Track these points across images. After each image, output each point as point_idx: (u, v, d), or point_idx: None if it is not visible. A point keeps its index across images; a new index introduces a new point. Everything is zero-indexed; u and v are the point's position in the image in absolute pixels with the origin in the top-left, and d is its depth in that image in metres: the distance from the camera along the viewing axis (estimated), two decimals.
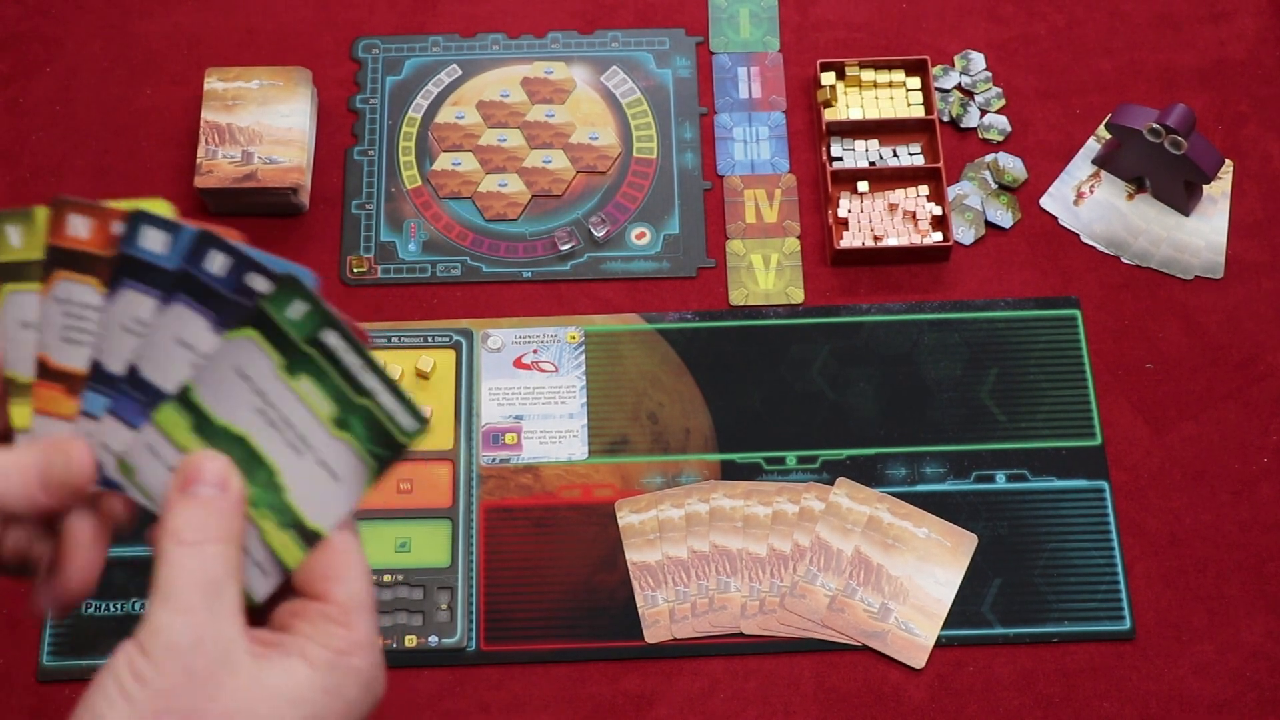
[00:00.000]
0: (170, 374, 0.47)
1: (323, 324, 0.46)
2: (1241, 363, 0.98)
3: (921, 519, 0.93)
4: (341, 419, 0.46)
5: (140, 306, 0.47)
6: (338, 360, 0.46)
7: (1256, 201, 1.04)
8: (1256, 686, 0.89)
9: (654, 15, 1.11)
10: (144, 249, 0.46)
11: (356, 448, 0.46)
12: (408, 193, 1.04)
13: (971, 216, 1.03)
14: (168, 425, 0.47)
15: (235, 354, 0.46)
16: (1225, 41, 1.09)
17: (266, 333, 0.46)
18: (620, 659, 0.90)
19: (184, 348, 0.47)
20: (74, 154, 1.06)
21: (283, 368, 0.46)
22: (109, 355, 0.47)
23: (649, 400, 0.98)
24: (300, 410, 0.46)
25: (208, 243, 0.46)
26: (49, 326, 0.48)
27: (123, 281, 0.47)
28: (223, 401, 0.46)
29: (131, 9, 1.11)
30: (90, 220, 0.47)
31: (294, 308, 0.46)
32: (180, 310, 0.46)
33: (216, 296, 0.46)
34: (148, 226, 0.46)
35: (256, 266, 0.46)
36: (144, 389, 0.47)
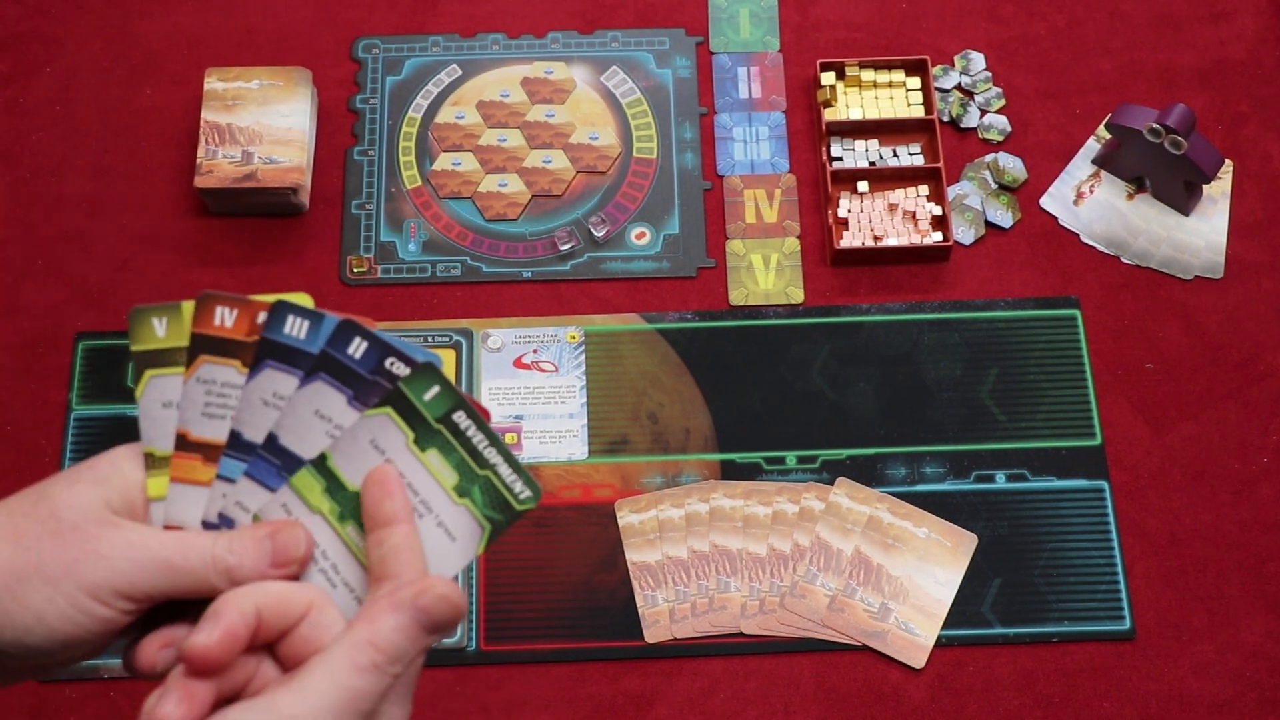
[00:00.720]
0: (307, 442, 0.53)
1: (454, 406, 0.52)
2: (1241, 363, 0.98)
3: (921, 519, 0.93)
4: (462, 487, 0.53)
5: (279, 384, 0.53)
6: (464, 436, 0.52)
7: (1256, 201, 1.04)
8: (1256, 686, 0.89)
9: (654, 15, 1.11)
10: (286, 334, 0.53)
11: (475, 513, 0.53)
12: (408, 193, 1.04)
13: (971, 216, 1.03)
14: (302, 488, 0.52)
15: (371, 428, 0.52)
16: (1225, 41, 1.09)
17: (401, 410, 0.52)
18: (620, 659, 0.90)
19: (322, 420, 0.53)
20: (74, 154, 1.06)
21: (413, 441, 0.52)
22: (248, 426, 0.53)
23: (649, 400, 0.98)
24: (426, 478, 0.52)
25: (350, 329, 0.53)
26: (190, 404, 0.53)
27: (265, 362, 0.53)
28: (356, 469, 0.52)
29: (131, 9, 1.11)
30: (235, 311, 0.53)
31: (430, 391, 0.52)
32: (320, 387, 0.53)
33: (355, 376, 0.52)
34: (291, 315, 0.53)
35: (394, 352, 0.52)
36: (281, 454, 0.53)
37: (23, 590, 0.48)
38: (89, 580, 0.48)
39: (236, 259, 1.02)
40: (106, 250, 1.03)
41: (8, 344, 1.00)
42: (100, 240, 1.03)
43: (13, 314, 1.00)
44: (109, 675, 0.90)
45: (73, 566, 0.48)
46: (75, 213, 1.04)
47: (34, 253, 1.02)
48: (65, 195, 1.04)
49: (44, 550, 0.48)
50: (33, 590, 0.48)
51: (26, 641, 0.48)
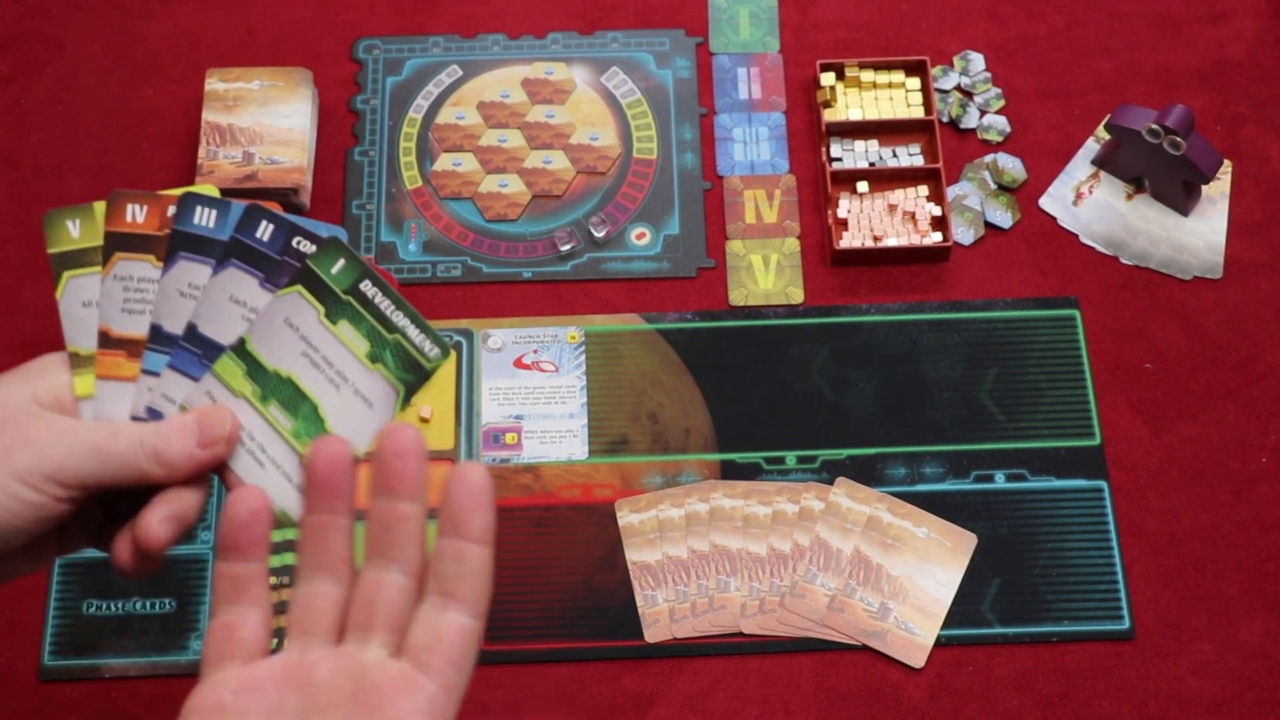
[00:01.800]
0: (225, 328, 0.54)
1: (360, 276, 0.54)
2: (1240, 363, 0.99)
3: (921, 519, 0.94)
4: (375, 353, 0.54)
5: (194, 274, 0.54)
6: (372, 304, 0.54)
7: (1255, 202, 1.04)
8: (1255, 686, 0.89)
9: (654, 16, 1.11)
10: (196, 224, 0.54)
11: (388, 376, 0.54)
12: (408, 193, 1.05)
13: (971, 217, 1.03)
14: (225, 374, 0.54)
15: (284, 308, 0.54)
16: (1224, 42, 1.09)
17: (311, 287, 0.54)
18: (620, 659, 0.90)
19: (237, 304, 0.54)
20: (74, 154, 1.06)
21: (324, 315, 0.54)
22: (167, 318, 0.54)
23: (649, 400, 0.98)
24: (339, 350, 0.54)
25: (257, 213, 0.54)
26: (110, 301, 0.55)
27: (178, 254, 0.54)
28: (273, 349, 0.54)
29: (132, 9, 1.11)
30: (145, 207, 0.55)
31: (336, 264, 0.54)
32: (233, 273, 0.54)
33: (265, 259, 0.54)
34: (199, 205, 0.54)
35: (301, 231, 0.54)
36: (201, 343, 0.54)
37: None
38: (20, 466, 0.50)
39: None
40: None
41: (8, 344, 1.00)
42: None
43: (13, 314, 1.01)
44: (109, 675, 0.90)
45: (4, 455, 0.50)
46: None
47: (34, 253, 1.03)
48: (66, 196, 1.04)
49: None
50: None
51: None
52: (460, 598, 0.47)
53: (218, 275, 0.54)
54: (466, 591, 0.48)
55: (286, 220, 0.54)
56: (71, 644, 0.91)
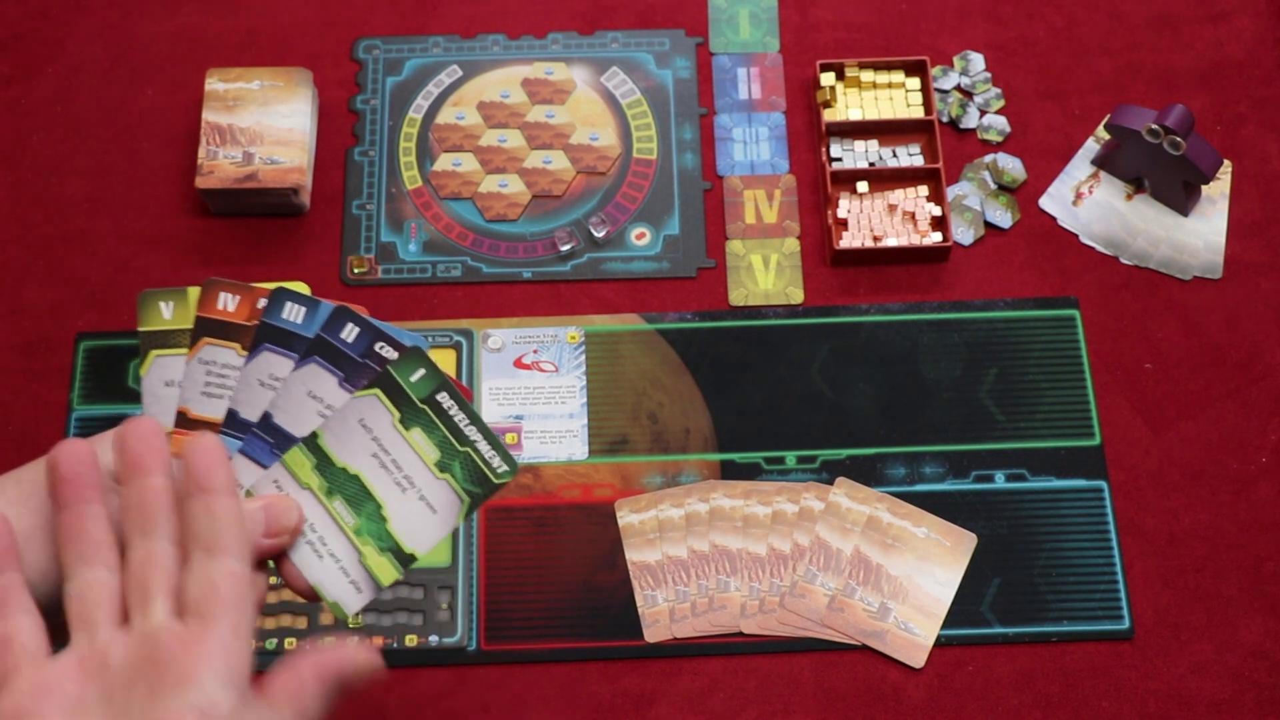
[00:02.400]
0: (299, 421, 0.56)
1: (438, 387, 0.56)
2: (1240, 363, 0.99)
3: (921, 519, 0.94)
4: (444, 463, 0.56)
5: (275, 366, 0.56)
6: (447, 415, 0.56)
7: (1255, 202, 1.04)
8: (1255, 686, 0.89)
9: (654, 16, 1.11)
10: (284, 319, 0.56)
11: (455, 487, 0.56)
12: (408, 193, 1.05)
13: (971, 217, 1.03)
14: (294, 464, 0.56)
15: (360, 408, 0.56)
16: (1224, 42, 1.09)
17: (388, 391, 0.56)
18: (620, 658, 0.91)
19: (314, 400, 0.56)
20: (75, 155, 1.06)
21: (399, 420, 0.56)
22: (245, 406, 0.56)
23: (649, 400, 0.98)
24: (409, 455, 0.56)
25: (344, 315, 0.56)
26: (191, 383, 0.57)
27: (263, 345, 0.56)
28: (344, 446, 0.56)
29: (132, 10, 1.11)
30: (238, 297, 0.57)
31: (416, 372, 0.56)
32: (314, 369, 0.56)
33: (347, 359, 0.56)
34: (289, 301, 0.57)
35: (384, 337, 0.56)
36: (274, 433, 0.56)
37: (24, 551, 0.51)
38: None
39: (237, 259, 1.02)
40: (107, 251, 1.03)
41: (9, 344, 1.00)
42: (101, 241, 1.03)
43: (14, 314, 1.01)
44: None
45: None
46: (76, 213, 1.04)
47: (35, 253, 1.03)
48: (66, 196, 1.04)
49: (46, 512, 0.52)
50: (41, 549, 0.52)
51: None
52: (223, 547, 0.49)
53: (299, 370, 0.56)
54: (228, 540, 0.50)
55: (372, 325, 0.56)
56: None
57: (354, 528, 0.56)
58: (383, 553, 0.56)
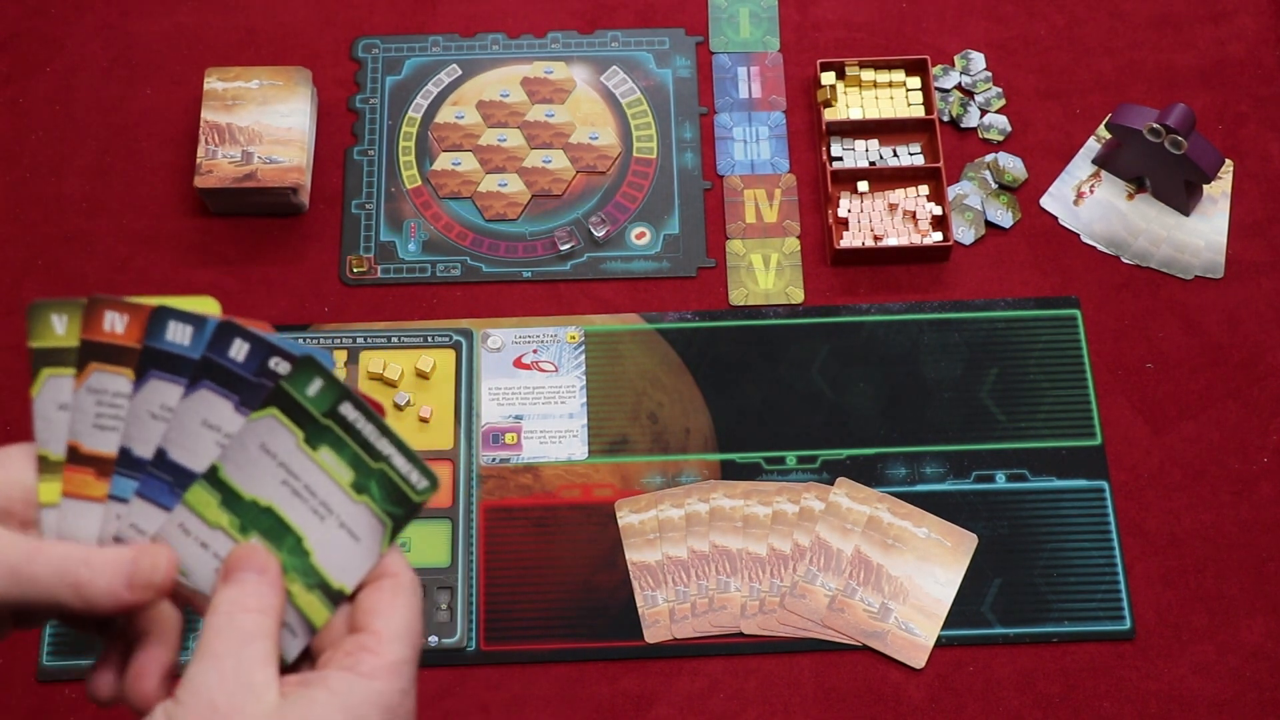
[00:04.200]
0: (197, 455, 0.50)
1: (339, 398, 0.50)
2: (1241, 362, 0.98)
3: (921, 519, 0.93)
4: (360, 483, 0.50)
5: (167, 395, 0.50)
6: (354, 429, 0.50)
7: (1256, 201, 1.04)
8: (1256, 686, 0.89)
9: (654, 15, 1.11)
10: (169, 341, 0.50)
11: (374, 509, 0.50)
12: (407, 192, 1.04)
13: (971, 216, 1.03)
14: (198, 504, 0.50)
15: (259, 432, 0.50)
16: (1225, 41, 1.09)
17: (287, 410, 0.50)
18: (620, 659, 0.90)
19: (210, 429, 0.50)
20: (73, 154, 1.06)
21: (303, 440, 0.50)
22: (137, 442, 0.50)
23: (649, 400, 0.98)
24: (321, 478, 0.50)
25: (230, 332, 0.50)
26: (81, 414, 0.51)
27: (149, 372, 0.50)
28: (249, 476, 0.50)
29: (131, 9, 1.11)
30: (125, 317, 0.51)
31: (312, 385, 0.50)
32: (205, 395, 0.50)
33: (239, 380, 0.50)
34: (171, 320, 0.50)
35: (276, 350, 0.50)
36: (172, 470, 0.50)
37: None
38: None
39: (236, 259, 1.02)
40: (106, 250, 1.02)
41: (8, 344, 1.00)
42: (100, 240, 1.03)
43: (13, 314, 1.00)
44: None
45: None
46: (75, 213, 1.04)
47: (34, 253, 1.02)
48: (65, 195, 1.04)
49: None
50: None
51: None
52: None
53: (189, 397, 0.50)
54: None
55: (262, 339, 0.50)
56: (70, 645, 0.90)
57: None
58: (310, 590, 0.50)
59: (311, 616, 0.50)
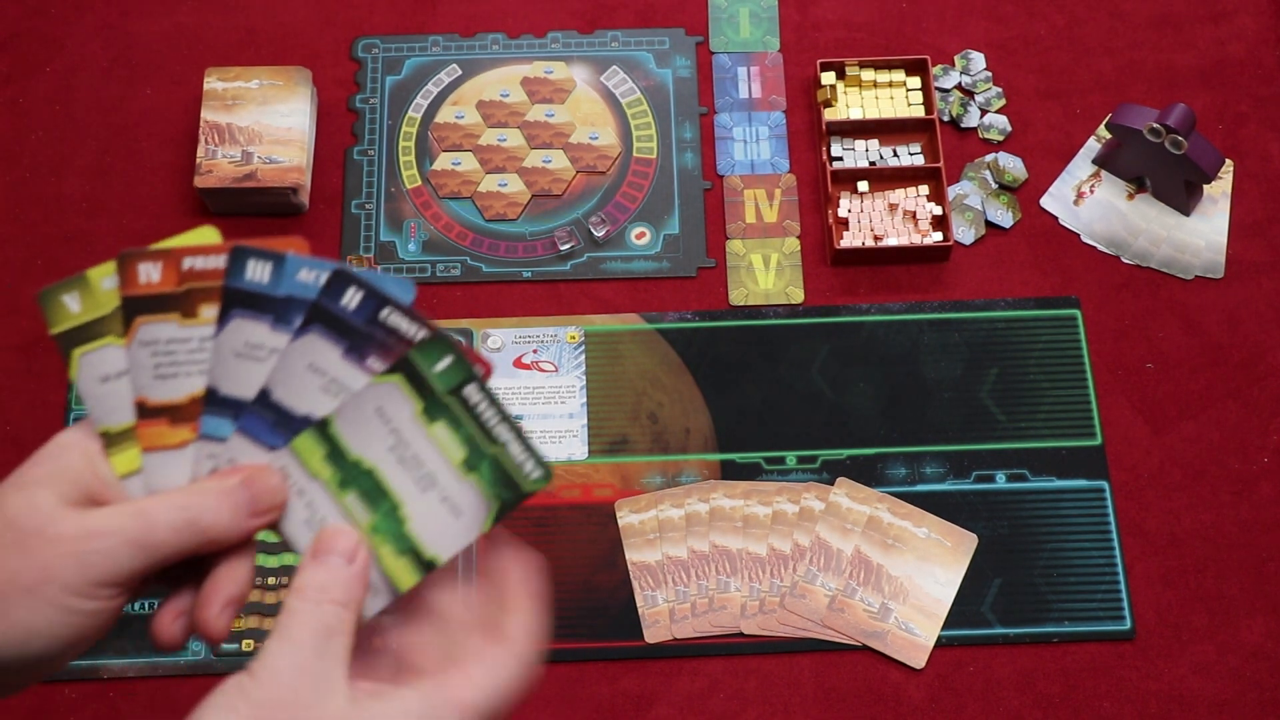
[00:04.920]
0: (301, 396, 0.51)
1: (466, 379, 0.50)
2: (1241, 362, 0.98)
3: (921, 519, 0.93)
4: (470, 463, 0.51)
5: (249, 332, 0.51)
6: (474, 411, 0.51)
7: (1257, 201, 1.04)
8: (1256, 686, 0.89)
9: (654, 15, 1.11)
10: (248, 280, 0.51)
11: (482, 489, 0.51)
12: (407, 192, 1.04)
13: (971, 216, 1.03)
14: (304, 451, 0.51)
15: (378, 395, 0.51)
16: (1225, 41, 1.09)
17: (411, 379, 0.51)
18: (620, 659, 0.90)
19: (316, 373, 0.51)
20: (73, 153, 1.06)
21: (421, 412, 0.51)
22: (223, 380, 0.51)
23: (649, 400, 0.98)
24: (431, 451, 0.51)
25: (344, 280, 0.51)
26: (140, 369, 0.51)
27: (231, 312, 0.51)
28: (359, 436, 0.51)
29: (131, 9, 1.11)
30: (159, 264, 0.51)
31: (441, 362, 0.50)
32: (313, 339, 0.51)
33: (349, 327, 0.51)
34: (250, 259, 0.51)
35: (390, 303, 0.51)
36: (274, 410, 0.51)
37: (4, 608, 0.47)
38: (65, 580, 0.47)
39: None
40: (107, 250, 1.02)
41: (8, 345, 1.00)
42: (100, 240, 1.03)
43: (13, 314, 1.00)
44: (109, 676, 0.90)
45: (46, 572, 0.47)
46: (75, 212, 1.04)
47: (34, 253, 1.02)
48: (65, 195, 1.04)
49: (12, 564, 0.47)
50: (15, 605, 0.47)
51: (27, 652, 0.48)
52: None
53: (297, 341, 0.51)
54: None
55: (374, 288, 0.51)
56: None
57: (369, 525, 0.51)
58: (400, 555, 0.51)
59: (398, 579, 0.51)
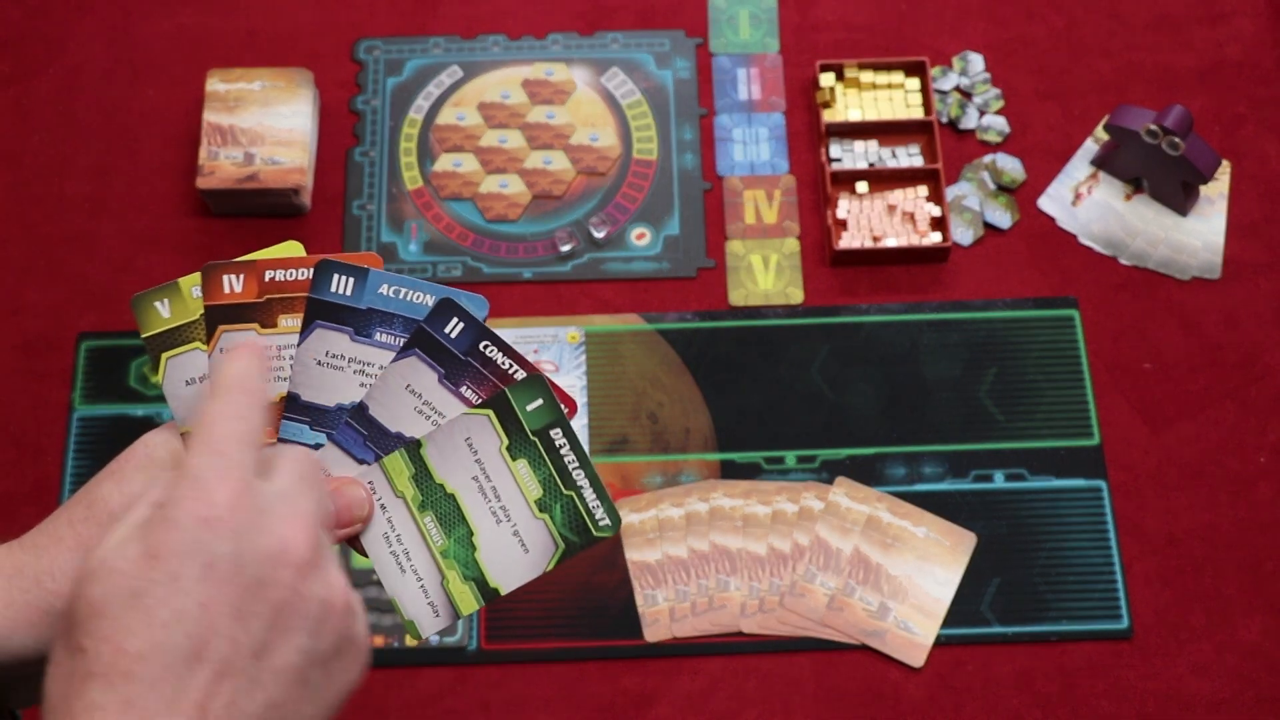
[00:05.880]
0: (395, 414, 0.54)
1: (553, 422, 0.54)
2: (1239, 363, 0.99)
3: (920, 518, 0.94)
4: (545, 503, 0.53)
5: (330, 342, 0.54)
6: (557, 453, 0.54)
7: (1254, 202, 1.04)
8: (1254, 685, 0.90)
9: (654, 17, 1.11)
10: (332, 293, 0.54)
11: (552, 530, 0.53)
12: (409, 194, 1.05)
13: (970, 217, 1.03)
14: (392, 470, 0.54)
15: (469, 426, 0.54)
16: (1222, 43, 1.09)
17: (501, 415, 0.54)
18: (620, 658, 0.91)
19: (411, 394, 0.54)
20: (76, 155, 1.06)
21: (505, 447, 0.54)
22: (304, 388, 0.54)
23: (649, 400, 0.98)
24: (511, 486, 0.54)
25: (449, 309, 0.54)
26: None
27: (314, 323, 0.54)
28: (446, 461, 0.54)
29: (133, 11, 1.11)
30: (241, 275, 0.54)
31: (533, 402, 0.53)
32: (414, 362, 0.54)
33: (448, 355, 0.54)
34: (335, 273, 0.54)
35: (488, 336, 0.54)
36: (369, 425, 0.54)
37: None
38: None
39: None
40: (108, 251, 1.03)
41: (10, 344, 1.00)
42: (102, 241, 1.03)
43: (15, 314, 1.01)
44: None
45: None
46: (77, 213, 1.04)
47: (36, 253, 1.03)
48: (67, 196, 1.05)
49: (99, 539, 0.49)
50: None
51: None
52: None
53: (398, 362, 0.54)
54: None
55: (479, 324, 0.54)
56: None
57: (441, 549, 0.54)
58: (466, 580, 0.54)
59: (459, 603, 0.54)
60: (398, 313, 0.54)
